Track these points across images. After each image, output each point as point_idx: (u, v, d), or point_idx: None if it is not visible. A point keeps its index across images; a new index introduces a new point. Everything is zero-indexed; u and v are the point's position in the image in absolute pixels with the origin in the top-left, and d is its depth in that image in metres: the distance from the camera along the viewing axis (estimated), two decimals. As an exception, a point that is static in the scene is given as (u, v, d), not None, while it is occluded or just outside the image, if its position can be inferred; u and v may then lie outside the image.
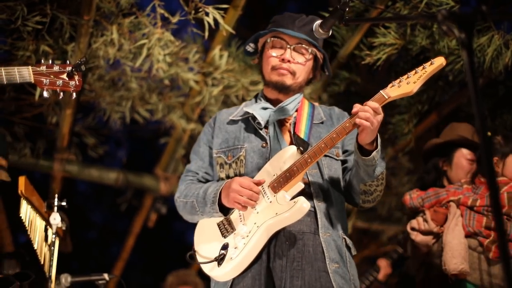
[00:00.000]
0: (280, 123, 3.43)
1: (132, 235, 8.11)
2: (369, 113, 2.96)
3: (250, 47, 3.58)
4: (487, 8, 1.93)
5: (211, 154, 3.51)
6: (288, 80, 3.37)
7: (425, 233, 4.38)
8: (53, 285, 4.44)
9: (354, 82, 6.36)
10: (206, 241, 3.35)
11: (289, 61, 3.35)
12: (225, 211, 3.27)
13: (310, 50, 3.40)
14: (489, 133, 4.65)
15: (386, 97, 3.01)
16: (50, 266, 4.48)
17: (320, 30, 3.02)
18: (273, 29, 3.40)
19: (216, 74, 6.08)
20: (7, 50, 5.32)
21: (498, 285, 4.13)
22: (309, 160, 3.10)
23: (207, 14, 4.87)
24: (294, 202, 3.08)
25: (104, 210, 11.80)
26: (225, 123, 3.55)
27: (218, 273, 3.20)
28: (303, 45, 3.36)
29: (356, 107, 3.02)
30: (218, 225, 3.30)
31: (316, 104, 3.62)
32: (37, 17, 4.94)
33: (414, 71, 3.02)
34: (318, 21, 3.04)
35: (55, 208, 4.54)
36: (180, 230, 11.93)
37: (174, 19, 5.15)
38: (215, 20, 4.88)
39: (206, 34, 4.93)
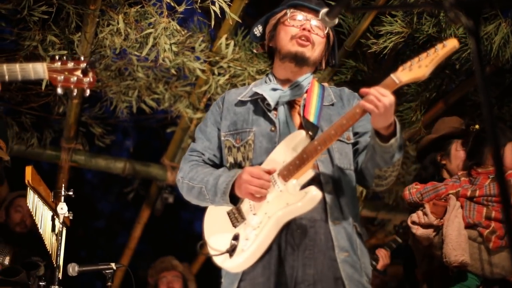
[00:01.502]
0: (290, 105, 3.35)
1: (140, 225, 8.11)
2: (372, 95, 2.88)
3: (258, 30, 3.52)
4: (494, -4, 1.91)
5: (219, 136, 3.43)
6: (308, 51, 3.30)
7: (425, 226, 4.37)
8: (60, 274, 4.46)
9: (360, 71, 6.34)
10: (216, 231, 3.30)
11: (309, 30, 3.30)
12: (235, 201, 3.21)
13: (326, 29, 3.36)
14: (477, 126, 4.66)
15: (397, 82, 2.92)
16: (58, 255, 4.49)
17: (327, 18, 2.99)
18: (294, 2, 3.35)
19: (223, 63, 6.07)
20: (13, 40, 5.33)
21: (499, 274, 4.14)
22: (319, 148, 3.04)
23: (213, 3, 4.86)
24: (305, 192, 3.03)
25: (111, 200, 11.82)
26: (233, 104, 3.46)
27: (230, 265, 3.16)
28: (320, 24, 3.31)
29: (363, 92, 2.95)
30: (228, 214, 3.25)
31: (326, 84, 3.54)
32: (43, 6, 4.94)
33: (425, 54, 2.90)
34: (324, 9, 3.01)
35: (62, 198, 4.55)
36: (187, 219, 11.96)
37: (180, 8, 5.14)
38: (221, 9, 4.86)
39: (212, 23, 4.92)
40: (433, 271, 4.49)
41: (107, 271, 4.71)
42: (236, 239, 3.17)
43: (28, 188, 4.35)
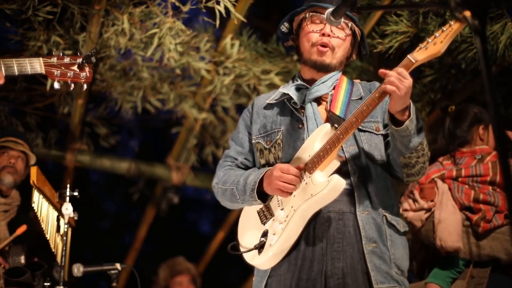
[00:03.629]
0: (317, 102, 3.32)
1: (145, 225, 8.12)
2: (393, 77, 2.86)
3: (284, 27, 3.50)
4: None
5: (250, 140, 3.43)
6: (328, 58, 3.27)
7: (416, 210, 4.37)
8: (65, 274, 4.46)
9: (366, 71, 6.33)
10: (247, 231, 3.30)
11: (329, 35, 3.25)
12: (264, 198, 3.21)
13: (350, 25, 3.30)
14: (453, 107, 4.66)
15: (414, 61, 2.90)
16: (63, 256, 4.50)
17: (332, 18, 2.98)
18: (312, 4, 3.30)
19: (228, 63, 6.07)
20: (18, 40, 5.33)
21: (487, 255, 4.14)
22: (341, 136, 3.00)
23: (218, 2, 4.85)
24: (328, 181, 2.99)
25: (116, 200, 11.80)
26: (263, 107, 3.45)
27: (259, 261, 3.15)
28: (343, 20, 3.21)
29: (382, 72, 2.93)
30: (258, 212, 3.25)
31: (357, 81, 3.51)
32: (48, 7, 4.95)
33: (440, 30, 2.89)
34: (330, 9, 2.99)
35: (67, 198, 4.56)
36: (192, 220, 11.95)
37: (185, 8, 5.14)
38: (226, 8, 4.86)
39: (217, 23, 4.91)
40: (429, 259, 4.49)
41: (112, 272, 4.71)
42: (264, 235, 3.16)
43: (33, 188, 4.36)
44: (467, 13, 1.89)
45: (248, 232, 3.29)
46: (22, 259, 4.53)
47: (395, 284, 3.08)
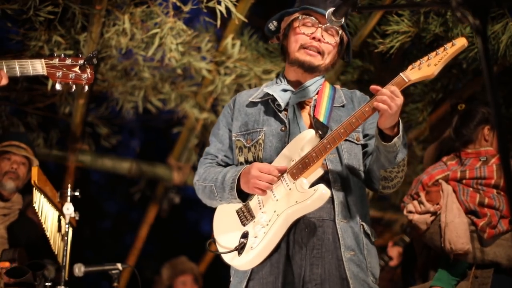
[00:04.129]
0: (300, 106, 3.34)
1: (146, 225, 8.12)
2: (386, 96, 2.88)
3: (272, 25, 3.50)
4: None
5: (230, 137, 3.43)
6: (317, 61, 3.28)
7: (422, 213, 4.37)
8: (66, 274, 4.46)
9: (367, 71, 6.33)
10: (225, 229, 3.30)
11: (319, 40, 3.26)
12: (243, 196, 3.22)
13: (340, 33, 3.32)
14: (463, 105, 4.66)
15: (406, 80, 2.94)
16: (64, 256, 4.50)
17: (333, 18, 2.98)
18: (305, 6, 3.31)
19: (229, 63, 6.07)
20: (19, 40, 5.33)
21: (490, 261, 4.14)
22: (328, 146, 3.04)
23: (219, 2, 4.85)
24: (314, 190, 3.01)
25: (117, 200, 11.82)
26: (245, 105, 3.46)
27: (239, 263, 3.17)
28: (334, 27, 3.26)
29: (374, 89, 2.95)
30: (237, 212, 3.25)
31: (338, 87, 3.52)
32: (49, 7, 4.95)
33: (434, 53, 2.93)
34: (331, 9, 3.00)
35: (68, 198, 4.56)
36: (193, 220, 11.96)
37: (186, 8, 5.13)
38: (227, 8, 4.85)
39: (218, 23, 4.91)
40: (431, 261, 4.49)
41: (113, 272, 4.71)
42: (245, 237, 3.16)
43: (34, 188, 4.36)
44: (468, 13, 1.89)
45: (226, 231, 3.30)
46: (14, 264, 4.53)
47: None
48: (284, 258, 3.11)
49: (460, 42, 2.96)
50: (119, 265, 4.72)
